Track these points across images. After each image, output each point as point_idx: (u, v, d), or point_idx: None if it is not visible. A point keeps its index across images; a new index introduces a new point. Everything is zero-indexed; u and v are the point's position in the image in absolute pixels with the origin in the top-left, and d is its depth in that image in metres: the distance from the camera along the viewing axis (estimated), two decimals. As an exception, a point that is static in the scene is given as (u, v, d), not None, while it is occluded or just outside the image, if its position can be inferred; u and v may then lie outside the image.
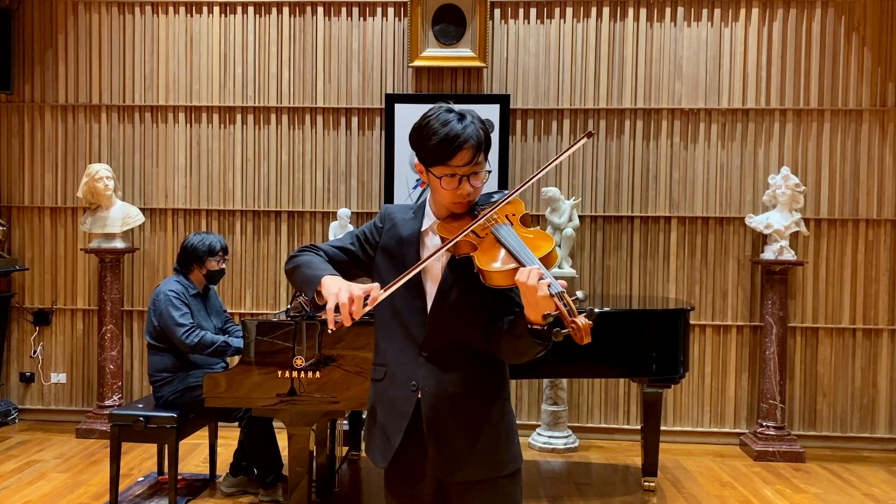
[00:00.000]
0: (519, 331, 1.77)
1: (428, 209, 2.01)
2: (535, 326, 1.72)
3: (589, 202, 5.34)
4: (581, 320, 1.60)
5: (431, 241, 1.97)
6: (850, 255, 5.28)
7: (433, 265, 1.94)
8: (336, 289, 1.77)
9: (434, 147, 1.85)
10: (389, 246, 1.99)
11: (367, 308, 1.76)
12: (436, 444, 1.93)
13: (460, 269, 1.90)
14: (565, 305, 1.63)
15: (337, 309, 1.75)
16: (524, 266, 1.71)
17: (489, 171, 1.96)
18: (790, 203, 5.00)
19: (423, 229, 1.99)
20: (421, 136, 1.89)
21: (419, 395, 1.93)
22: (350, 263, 2.03)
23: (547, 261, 1.78)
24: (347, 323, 1.74)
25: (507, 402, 2.01)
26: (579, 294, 1.70)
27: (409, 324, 1.95)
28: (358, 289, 1.76)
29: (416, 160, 1.95)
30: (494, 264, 1.78)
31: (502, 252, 1.80)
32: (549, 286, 1.64)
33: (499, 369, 1.99)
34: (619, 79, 5.33)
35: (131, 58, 5.50)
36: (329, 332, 1.81)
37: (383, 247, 2.00)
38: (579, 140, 1.97)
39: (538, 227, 1.93)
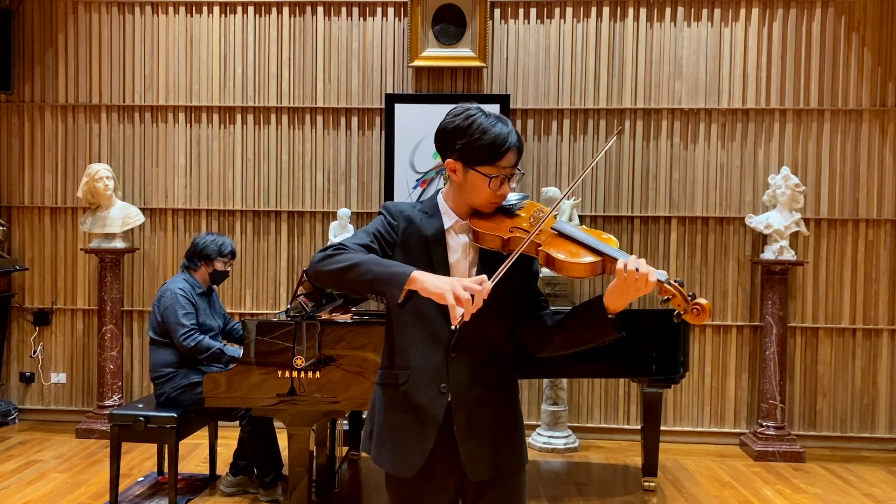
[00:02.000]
0: (593, 320, 1.85)
1: (444, 207, 1.99)
2: (612, 316, 1.82)
3: (589, 202, 5.34)
4: (702, 300, 1.69)
5: (455, 240, 1.96)
6: (850, 255, 5.27)
7: (460, 263, 1.95)
8: (447, 283, 1.70)
9: (485, 147, 1.88)
10: (410, 244, 1.95)
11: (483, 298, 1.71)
12: (466, 443, 1.93)
13: (491, 267, 1.88)
14: (678, 290, 1.72)
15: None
16: (612, 257, 1.78)
17: (523, 173, 2.02)
18: (790, 203, 5.00)
19: (446, 228, 1.97)
20: (466, 134, 1.89)
21: (449, 397, 1.92)
22: None
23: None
24: (467, 317, 1.68)
25: (519, 401, 2.07)
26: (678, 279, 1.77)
27: (433, 324, 1.92)
28: (468, 280, 1.72)
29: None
30: (576, 257, 1.82)
31: (577, 246, 1.85)
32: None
33: (514, 370, 2.04)
34: (619, 79, 5.33)
35: (131, 58, 5.50)
36: (452, 329, 1.70)
37: (402, 245, 1.96)
38: (611, 139, 2.20)
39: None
